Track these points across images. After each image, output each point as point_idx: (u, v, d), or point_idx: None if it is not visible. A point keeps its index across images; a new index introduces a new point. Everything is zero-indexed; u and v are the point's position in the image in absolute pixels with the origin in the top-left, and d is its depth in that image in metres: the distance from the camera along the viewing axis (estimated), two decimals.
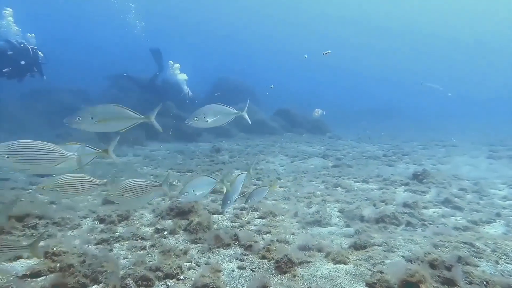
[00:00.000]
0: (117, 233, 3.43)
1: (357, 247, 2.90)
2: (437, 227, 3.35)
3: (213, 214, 4.08)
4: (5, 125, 10.64)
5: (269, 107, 16.43)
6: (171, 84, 13.89)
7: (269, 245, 3.04)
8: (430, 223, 3.46)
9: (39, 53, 9.11)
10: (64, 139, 9.51)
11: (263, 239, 3.36)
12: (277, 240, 3.22)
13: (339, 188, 5.30)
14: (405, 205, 3.99)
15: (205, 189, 3.08)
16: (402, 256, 2.71)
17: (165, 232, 3.52)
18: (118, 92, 14.69)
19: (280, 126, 14.32)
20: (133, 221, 3.78)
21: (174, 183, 5.51)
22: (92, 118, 2.47)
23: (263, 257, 2.93)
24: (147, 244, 3.20)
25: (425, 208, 4.07)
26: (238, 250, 3.12)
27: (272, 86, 15.50)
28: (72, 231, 3.42)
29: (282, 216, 3.97)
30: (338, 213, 4.04)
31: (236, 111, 3.13)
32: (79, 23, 43.23)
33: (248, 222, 3.83)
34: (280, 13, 48.36)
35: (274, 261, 2.81)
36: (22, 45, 8.84)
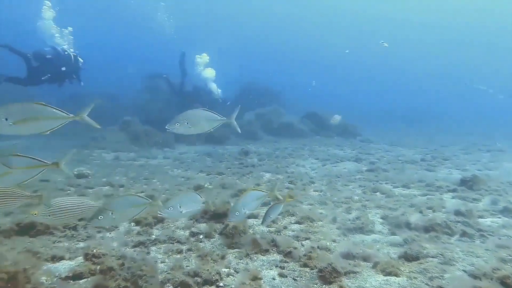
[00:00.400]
0: (153, 236, 3.41)
1: (408, 258, 2.67)
2: (500, 239, 3.03)
3: (248, 218, 3.97)
4: None
5: (297, 110, 16.22)
6: (201, 88, 14.04)
7: (310, 252, 2.88)
8: (490, 234, 3.14)
9: (79, 59, 9.57)
10: (98, 142, 9.88)
11: (302, 245, 3.20)
12: (318, 247, 3.05)
13: (378, 193, 5.03)
14: (458, 213, 3.67)
15: (193, 206, 2.78)
16: (463, 270, 2.45)
17: (201, 236, 3.46)
18: (148, 95, 15.10)
19: (309, 129, 14.07)
20: (168, 224, 3.76)
21: (206, 185, 5.48)
22: (6, 119, 2.11)
23: (305, 265, 2.78)
24: (184, 248, 3.15)
25: (480, 217, 3.73)
26: (277, 257, 2.98)
27: (314, 83, 15.27)
28: (110, 233, 3.44)
29: (321, 222, 3.78)
30: (381, 220, 3.80)
31: (221, 118, 2.88)
32: (109, 24, 43.68)
33: (285, 227, 3.68)
34: (309, 13, 47.34)
35: (317, 269, 2.65)
36: (65, 52, 9.33)
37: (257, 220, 3.98)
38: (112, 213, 2.43)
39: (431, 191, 4.95)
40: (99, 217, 2.42)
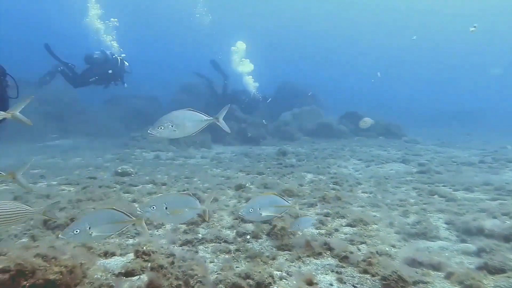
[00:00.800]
0: (200, 235, 3.36)
1: (490, 269, 2.35)
2: None
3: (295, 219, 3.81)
4: (91, 128, 11.98)
5: (336, 110, 15.79)
6: (241, 91, 14.18)
7: (370, 257, 2.65)
8: None
9: (125, 63, 10.15)
10: (138, 142, 10.26)
11: (359, 250, 2.97)
12: (377, 252, 2.81)
13: (436, 196, 4.62)
14: None
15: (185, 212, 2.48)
16: None
17: (248, 236, 3.36)
18: (186, 96, 15.51)
19: (349, 129, 13.58)
20: (213, 223, 3.70)
21: (247, 185, 5.40)
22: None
23: (365, 271, 2.56)
24: (232, 248, 3.06)
25: None
26: (332, 261, 2.79)
27: (379, 74, 14.84)
28: (157, 230, 3.45)
29: (375, 225, 3.52)
30: (446, 225, 3.45)
31: (208, 117, 2.64)
32: (148, 24, 43.90)
33: (336, 230, 3.47)
34: (349, 10, 45.65)
35: (379, 277, 2.43)
36: (113, 56, 10.02)
37: None
38: (89, 228, 2.10)
39: (502, 196, 4.45)
40: (75, 231, 2.07)
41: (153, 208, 2.36)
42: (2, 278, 1.83)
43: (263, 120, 13.31)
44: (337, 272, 2.60)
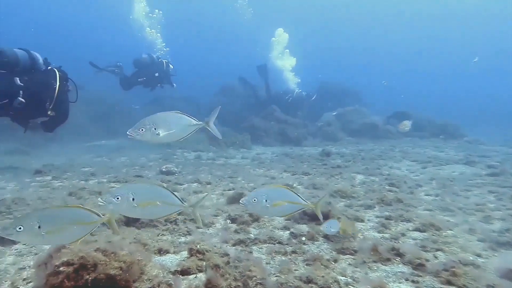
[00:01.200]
0: (252, 235, 3.24)
1: None
2: None
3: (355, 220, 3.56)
4: None
5: (381, 110, 15.06)
6: (283, 92, 14.19)
7: (454, 267, 2.35)
8: None
9: (170, 66, 10.74)
10: (179, 142, 10.47)
11: (435, 257, 2.66)
12: (460, 261, 2.49)
13: None
14: None
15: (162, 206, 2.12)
16: None
17: (303, 238, 3.17)
18: (224, 98, 15.71)
19: (397, 129, 12.85)
20: (265, 223, 3.56)
21: (294, 185, 5.21)
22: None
23: (449, 283, 2.26)
24: (288, 249, 2.89)
25: None
26: (404, 269, 2.52)
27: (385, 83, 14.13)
28: (208, 229, 3.39)
29: (450, 231, 3.16)
30: None
31: (197, 122, 2.41)
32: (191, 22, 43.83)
33: (403, 234, 3.17)
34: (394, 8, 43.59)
35: None
36: (159, 59, 10.58)
37: (364, 224, 3.54)
38: (39, 227, 1.74)
39: None
40: (18, 228, 1.70)
41: (118, 199, 2.00)
42: (66, 270, 1.83)
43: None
44: (413, 281, 2.34)
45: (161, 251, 2.75)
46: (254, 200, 2.16)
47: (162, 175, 6.06)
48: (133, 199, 2.01)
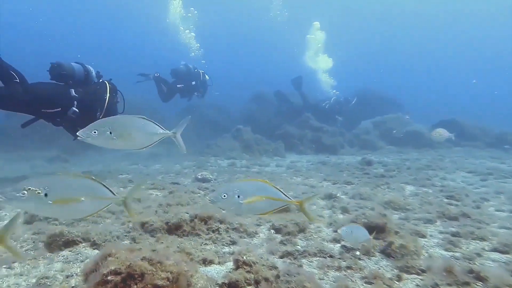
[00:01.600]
0: (299, 247, 3.01)
1: None
2: None
3: (417, 235, 3.22)
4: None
5: (426, 117, 14.30)
6: (321, 100, 14.10)
7: None
8: None
9: (206, 76, 11.22)
10: (212, 149, 10.50)
11: None
12: None
13: None
14: None
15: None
16: None
17: (357, 252, 2.90)
18: (256, 105, 15.69)
19: (445, 138, 12.10)
20: (311, 234, 3.33)
21: (338, 195, 4.92)
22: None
23: None
24: (341, 264, 2.64)
25: None
26: None
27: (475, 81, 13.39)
28: (252, 239, 3.21)
29: None
30: None
31: (164, 131, 2.22)
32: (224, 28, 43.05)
33: (478, 255, 2.79)
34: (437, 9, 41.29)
35: None
36: (195, 70, 11.05)
37: (426, 239, 3.19)
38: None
39: None
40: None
41: (23, 194, 1.64)
42: (115, 279, 1.72)
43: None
44: None
45: (205, 261, 2.60)
46: (224, 196, 1.90)
47: (198, 182, 6.00)
48: (45, 195, 1.67)
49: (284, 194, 2.02)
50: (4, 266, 2.41)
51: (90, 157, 10.16)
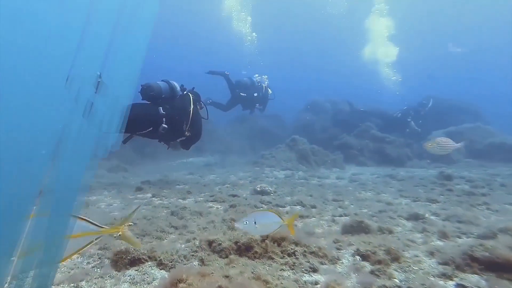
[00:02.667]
0: (396, 280, 2.46)
1: None
2: None
3: None
4: (220, 146, 12.82)
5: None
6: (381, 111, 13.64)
7: None
8: None
9: (269, 90, 11.65)
10: (267, 160, 10.18)
11: None
12: None
13: None
14: None
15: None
16: None
17: None
18: (310, 115, 15.18)
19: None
20: (409, 265, 2.74)
21: (426, 215, 4.22)
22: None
23: None
24: None
25: None
26: None
27: None
28: (334, 266, 2.72)
29: None
30: None
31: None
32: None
33: None
34: None
35: None
36: (258, 83, 11.58)
37: None
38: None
39: None
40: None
41: None
42: None
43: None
44: None
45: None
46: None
47: (257, 194, 5.66)
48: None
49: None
50: (72, 284, 2.24)
51: (146, 167, 10.43)
